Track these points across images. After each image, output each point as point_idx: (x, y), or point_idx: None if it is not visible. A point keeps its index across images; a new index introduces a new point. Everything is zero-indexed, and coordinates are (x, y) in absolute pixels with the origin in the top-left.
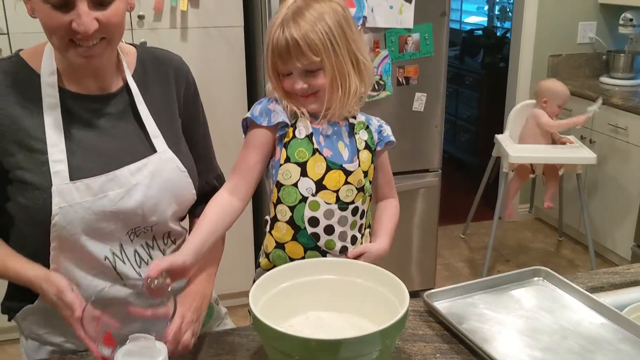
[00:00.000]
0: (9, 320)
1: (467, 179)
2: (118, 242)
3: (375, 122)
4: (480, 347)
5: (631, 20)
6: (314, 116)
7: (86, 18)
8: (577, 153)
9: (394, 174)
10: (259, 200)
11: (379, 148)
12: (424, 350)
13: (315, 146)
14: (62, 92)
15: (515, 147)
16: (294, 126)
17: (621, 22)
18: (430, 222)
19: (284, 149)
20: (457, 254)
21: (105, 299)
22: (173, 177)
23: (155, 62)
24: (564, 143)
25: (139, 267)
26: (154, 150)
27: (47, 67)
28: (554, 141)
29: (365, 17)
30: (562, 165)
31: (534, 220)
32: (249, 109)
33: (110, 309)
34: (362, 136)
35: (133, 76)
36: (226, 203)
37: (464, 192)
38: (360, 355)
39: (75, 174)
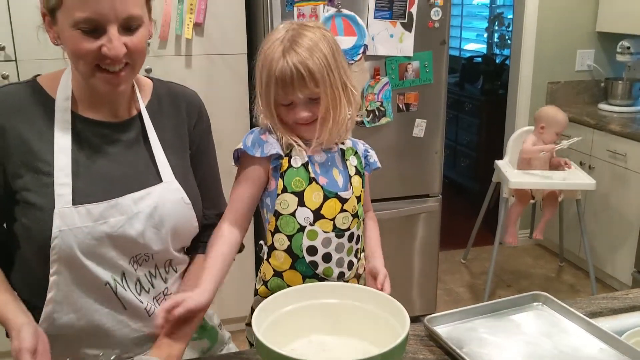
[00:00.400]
0: None
1: (467, 204)
2: (120, 270)
3: (361, 146)
4: None
5: (628, 48)
6: (306, 144)
7: (117, 42)
8: (576, 179)
9: (394, 199)
10: (260, 224)
11: (367, 173)
12: None
13: (312, 175)
14: (75, 117)
15: (515, 172)
16: (288, 155)
17: (619, 50)
18: (431, 246)
19: (280, 179)
20: (458, 279)
21: None
22: (177, 208)
23: (170, 96)
24: (559, 164)
25: (139, 294)
26: (161, 180)
27: (63, 93)
28: (552, 164)
29: (366, 46)
30: (561, 191)
31: (535, 245)
32: None
33: None
34: (352, 162)
35: (147, 107)
36: (231, 237)
37: (464, 217)
38: None
39: (78, 198)
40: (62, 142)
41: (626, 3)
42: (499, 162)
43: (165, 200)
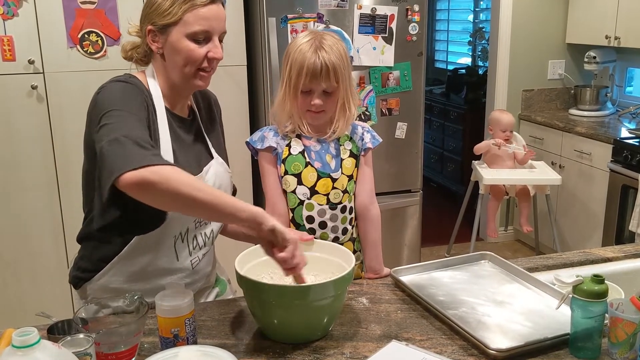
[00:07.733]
0: (77, 288)
1: (453, 205)
2: (186, 226)
3: (359, 130)
4: (432, 304)
5: (594, 57)
6: (306, 136)
7: (219, 48)
8: (543, 175)
9: (380, 194)
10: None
11: (362, 154)
12: (389, 309)
13: (308, 160)
14: (166, 110)
15: (489, 170)
16: (289, 145)
17: (586, 59)
18: (414, 236)
19: (282, 165)
20: None
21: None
22: (225, 176)
23: (201, 94)
24: (520, 160)
25: (193, 249)
26: (212, 157)
27: (154, 91)
28: (521, 162)
29: (352, 57)
30: (533, 187)
31: (514, 241)
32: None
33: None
34: (346, 146)
35: (196, 104)
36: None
37: (450, 218)
38: (319, 299)
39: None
40: (164, 127)
41: (592, 17)
42: (475, 162)
43: (218, 171)
